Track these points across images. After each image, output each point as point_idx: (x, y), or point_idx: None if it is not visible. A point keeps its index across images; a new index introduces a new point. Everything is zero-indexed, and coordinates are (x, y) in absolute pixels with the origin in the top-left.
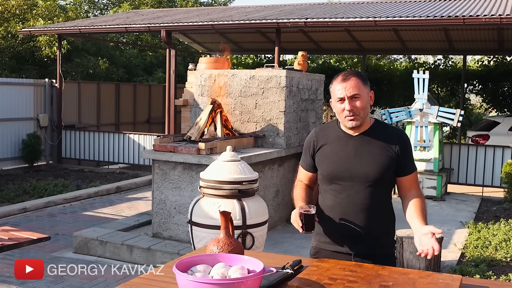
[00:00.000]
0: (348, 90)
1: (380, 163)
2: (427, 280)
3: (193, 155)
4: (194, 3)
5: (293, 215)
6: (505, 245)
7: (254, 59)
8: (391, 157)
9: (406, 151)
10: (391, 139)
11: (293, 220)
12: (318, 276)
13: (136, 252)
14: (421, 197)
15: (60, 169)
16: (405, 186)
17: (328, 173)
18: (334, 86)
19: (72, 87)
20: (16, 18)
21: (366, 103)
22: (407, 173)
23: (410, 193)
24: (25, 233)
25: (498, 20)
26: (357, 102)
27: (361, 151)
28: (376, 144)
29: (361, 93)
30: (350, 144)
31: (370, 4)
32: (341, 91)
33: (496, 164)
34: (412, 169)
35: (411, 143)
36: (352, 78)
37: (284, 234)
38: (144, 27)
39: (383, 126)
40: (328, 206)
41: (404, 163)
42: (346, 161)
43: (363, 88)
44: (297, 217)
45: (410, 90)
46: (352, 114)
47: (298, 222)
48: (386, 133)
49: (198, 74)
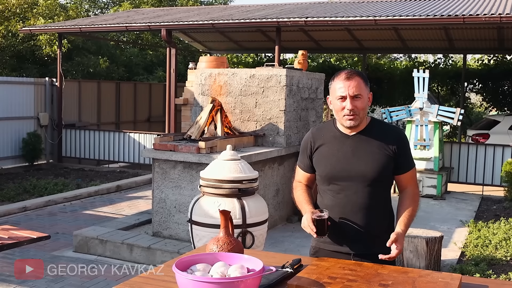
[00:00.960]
0: (351, 89)
1: (378, 162)
2: (427, 279)
3: (193, 154)
4: (194, 2)
5: (305, 220)
6: (505, 244)
7: (255, 58)
8: (388, 155)
9: (404, 149)
10: (388, 138)
11: (305, 225)
12: (318, 275)
13: (136, 251)
14: (413, 197)
15: (60, 168)
16: (402, 184)
17: (326, 173)
18: (336, 84)
19: (73, 86)
20: (17, 17)
21: (366, 104)
22: (404, 171)
23: (405, 190)
24: (25, 232)
25: (498, 19)
26: (359, 102)
27: (358, 150)
28: (373, 143)
29: (363, 94)
30: (347, 143)
31: (370, 3)
32: (344, 89)
33: (496, 163)
34: (409, 167)
35: (408, 141)
36: (355, 78)
37: (284, 233)
38: (144, 26)
39: (380, 125)
40: (327, 206)
41: (401, 161)
42: (344, 161)
43: (365, 88)
44: (310, 223)
45: (411, 89)
46: (352, 113)
47: (311, 227)
48: (383, 131)
49: (198, 73)
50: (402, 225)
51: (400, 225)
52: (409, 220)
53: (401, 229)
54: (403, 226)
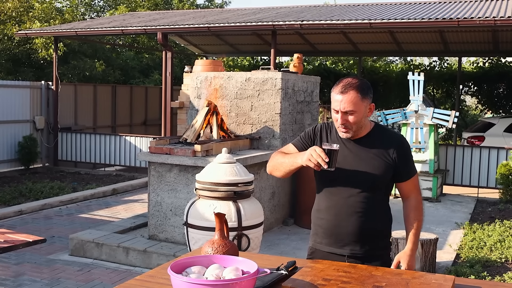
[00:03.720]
0: (342, 105)
1: (376, 168)
2: (420, 281)
3: (189, 157)
4: (190, 5)
5: (313, 151)
6: (500, 246)
7: (250, 61)
8: (387, 162)
9: (404, 157)
10: (388, 144)
11: (312, 156)
12: (312, 277)
13: (132, 254)
14: (417, 208)
15: (56, 171)
16: (404, 192)
17: (324, 174)
18: (333, 95)
19: (69, 89)
20: (13, 21)
21: (362, 117)
22: (405, 179)
23: (408, 199)
24: (21, 236)
25: (492, 22)
26: (350, 117)
27: (358, 155)
28: (373, 149)
29: (357, 109)
30: (348, 147)
31: (366, 6)
32: (337, 103)
33: (491, 165)
34: (410, 175)
35: (410, 148)
36: (350, 92)
37: (280, 235)
38: (140, 29)
39: (382, 131)
40: (323, 207)
41: (401, 169)
42: (343, 163)
43: (360, 103)
44: (322, 152)
45: (406, 92)
46: (344, 127)
47: (323, 156)
48: (384, 138)
49: (194, 76)
50: (411, 243)
51: (408, 243)
52: (416, 236)
53: (408, 249)
54: (411, 244)
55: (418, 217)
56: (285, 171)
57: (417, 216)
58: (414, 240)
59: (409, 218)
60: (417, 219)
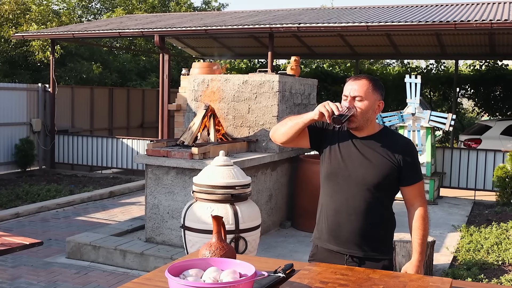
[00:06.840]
0: (353, 91)
1: (379, 169)
2: (418, 283)
3: (186, 160)
4: (187, 8)
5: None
6: (496, 249)
7: (248, 64)
8: (391, 165)
9: (410, 161)
10: (394, 147)
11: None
12: (310, 280)
13: (129, 257)
14: (423, 217)
15: (53, 174)
16: (408, 197)
17: (327, 169)
18: (346, 85)
19: (66, 91)
20: (9, 23)
21: (369, 108)
22: (409, 183)
23: (413, 207)
24: (17, 238)
25: (489, 25)
26: (358, 103)
27: (363, 153)
28: (379, 149)
29: (366, 97)
30: (354, 144)
31: (363, 9)
32: (348, 90)
33: (488, 168)
34: (414, 180)
35: (417, 154)
36: (362, 80)
37: (277, 238)
38: (137, 32)
39: (390, 133)
40: (325, 203)
41: (406, 173)
42: (348, 160)
43: (371, 93)
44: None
45: (403, 94)
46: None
47: (339, 106)
48: (391, 140)
49: (191, 79)
50: (417, 253)
51: (414, 254)
52: (422, 246)
53: (415, 259)
54: (417, 254)
55: (424, 226)
56: (291, 130)
57: (423, 226)
58: (420, 251)
59: (415, 228)
60: (423, 229)
